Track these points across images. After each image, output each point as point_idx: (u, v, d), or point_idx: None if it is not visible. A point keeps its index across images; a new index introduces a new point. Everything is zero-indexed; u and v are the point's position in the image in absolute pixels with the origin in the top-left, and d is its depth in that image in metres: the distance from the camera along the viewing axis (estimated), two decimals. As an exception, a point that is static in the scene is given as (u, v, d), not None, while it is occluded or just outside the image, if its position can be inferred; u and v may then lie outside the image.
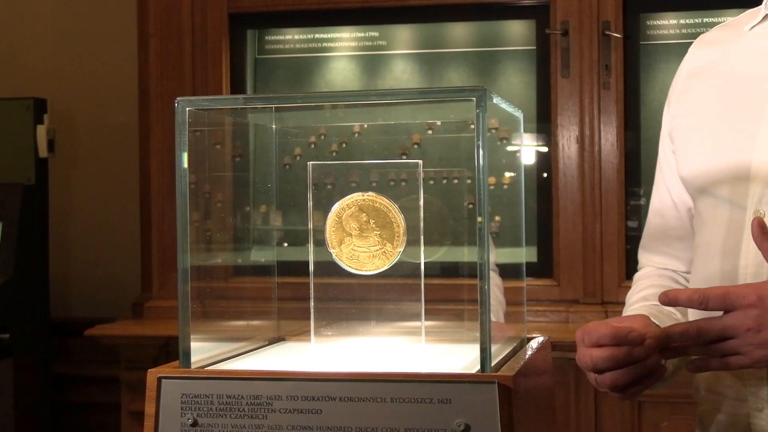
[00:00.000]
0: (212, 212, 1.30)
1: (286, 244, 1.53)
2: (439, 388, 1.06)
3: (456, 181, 2.24)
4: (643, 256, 1.75)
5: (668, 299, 1.31)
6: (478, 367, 1.09)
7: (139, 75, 3.66)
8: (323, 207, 1.21)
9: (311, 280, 1.21)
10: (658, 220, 1.69)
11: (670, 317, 1.51)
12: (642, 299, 1.61)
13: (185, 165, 1.16)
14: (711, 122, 1.54)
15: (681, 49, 1.73)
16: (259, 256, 1.44)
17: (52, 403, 3.86)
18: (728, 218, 1.48)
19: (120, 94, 4.21)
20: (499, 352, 1.19)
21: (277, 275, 1.40)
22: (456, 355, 1.21)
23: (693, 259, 1.59)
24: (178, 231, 1.17)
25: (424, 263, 1.18)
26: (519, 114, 1.34)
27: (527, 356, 1.21)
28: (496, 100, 1.17)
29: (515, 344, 1.29)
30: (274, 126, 1.39)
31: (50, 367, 3.85)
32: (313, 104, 1.26)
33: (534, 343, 1.32)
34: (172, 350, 3.10)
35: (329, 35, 3.61)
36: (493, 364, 1.09)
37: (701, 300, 1.28)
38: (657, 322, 1.44)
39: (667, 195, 1.66)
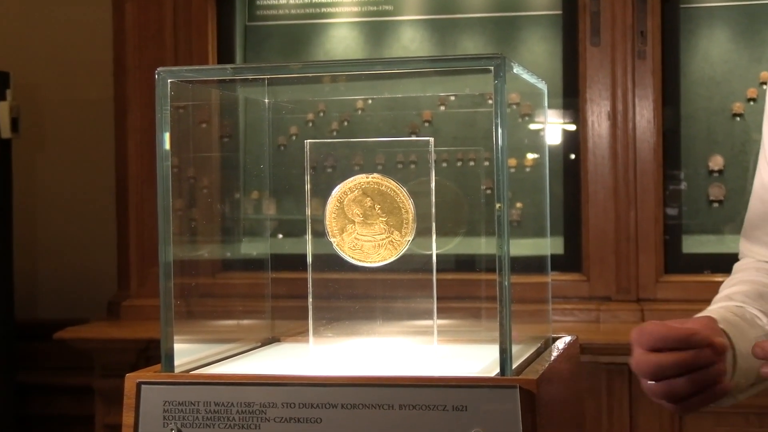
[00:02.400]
0: (197, 199, 1.31)
1: (280, 235, 1.54)
2: (454, 394, 1.06)
3: (472, 162, 2.23)
4: (743, 245, 1.76)
5: (765, 353, 1.30)
6: (497, 370, 1.09)
7: (113, 44, 3.66)
8: (322, 192, 1.21)
9: (309, 274, 1.21)
10: (759, 206, 1.70)
11: (753, 323, 1.51)
12: (726, 298, 1.61)
13: (167, 146, 1.17)
14: None
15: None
16: (251, 248, 1.45)
17: (17, 416, 3.88)
18: None
19: (92, 66, 4.22)
20: (520, 353, 1.19)
21: (270, 270, 1.41)
22: (472, 358, 1.22)
23: None
24: (159, 220, 1.17)
25: (436, 255, 1.19)
26: (543, 86, 1.35)
27: (552, 358, 1.21)
28: (516, 69, 1.17)
29: (539, 345, 1.29)
30: (266, 100, 1.39)
31: (15, 376, 3.86)
32: (310, 75, 1.27)
33: (560, 344, 1.33)
34: (153, 355, 3.11)
35: (328, -1, 3.62)
36: (514, 367, 1.10)
37: None
38: (732, 328, 1.44)
39: None
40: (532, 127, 1.55)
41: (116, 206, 3.66)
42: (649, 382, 1.34)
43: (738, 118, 3.26)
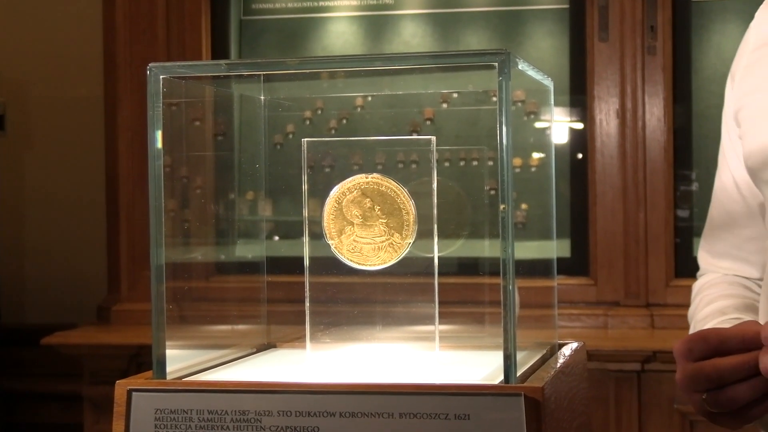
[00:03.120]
0: (191, 200, 1.31)
1: (276, 237, 1.54)
2: (456, 402, 1.06)
3: (475, 162, 2.24)
4: (705, 261, 1.71)
5: None
6: (501, 377, 1.09)
7: (103, 39, 3.67)
8: (320, 192, 1.21)
9: (306, 277, 1.22)
10: (722, 217, 1.66)
11: None
12: (718, 313, 1.56)
13: (159, 144, 1.17)
14: None
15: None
16: (246, 250, 1.45)
17: (4, 424, 3.88)
18: None
19: (82, 61, 4.22)
20: (525, 360, 1.20)
21: (266, 273, 1.41)
22: (475, 364, 1.22)
23: None
24: (151, 222, 1.17)
25: (438, 258, 1.19)
26: (549, 83, 1.35)
27: (559, 365, 1.21)
28: (522, 66, 1.17)
29: (544, 352, 1.29)
30: (262, 97, 1.39)
31: (1, 383, 3.86)
32: (308, 71, 1.27)
33: (566, 351, 1.33)
34: (145, 361, 3.11)
35: (326, -8, 3.62)
36: (518, 374, 1.10)
37: None
38: None
39: (733, 188, 1.63)
40: (538, 125, 1.56)
41: (106, 207, 3.66)
42: (704, 395, 1.27)
43: (751, 117, 3.26)
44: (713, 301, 1.61)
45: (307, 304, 1.22)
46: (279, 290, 1.40)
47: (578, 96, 3.35)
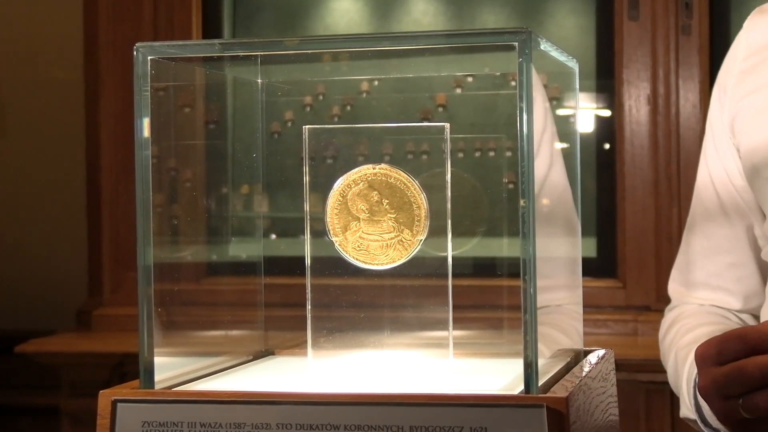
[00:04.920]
0: (180, 194, 1.32)
1: (274, 235, 1.54)
2: (473, 414, 1.07)
3: (492, 152, 2.23)
4: (678, 293, 1.71)
5: None
6: (522, 387, 1.10)
7: (84, 17, 3.67)
8: (323, 185, 1.22)
9: (308, 279, 1.22)
10: (700, 242, 1.66)
11: None
12: (705, 337, 1.57)
13: (146, 133, 1.17)
14: None
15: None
16: (241, 250, 1.45)
17: (-25, 439, 3.89)
18: None
19: (60, 42, 4.23)
20: (547, 369, 1.20)
21: (263, 274, 1.42)
22: (493, 373, 1.23)
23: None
24: (138, 218, 1.18)
25: (452, 257, 1.19)
26: (574, 65, 1.35)
27: (584, 374, 1.22)
28: (544, 46, 1.17)
29: (568, 359, 1.30)
30: (259, 81, 1.40)
31: (-29, 394, 3.88)
32: (309, 52, 1.27)
33: (593, 358, 1.33)
34: (129, 371, 3.12)
35: (329, -34, 3.62)
36: (540, 384, 1.10)
37: None
38: None
39: (716, 206, 1.62)
40: (561, 112, 1.56)
41: (87, 201, 3.67)
42: (740, 400, 1.27)
43: (796, 103, 3.26)
44: (695, 329, 1.61)
45: (309, 307, 1.22)
46: (277, 293, 1.40)
47: (605, 80, 3.35)
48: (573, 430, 1.08)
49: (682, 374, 1.58)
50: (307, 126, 1.22)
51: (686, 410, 1.58)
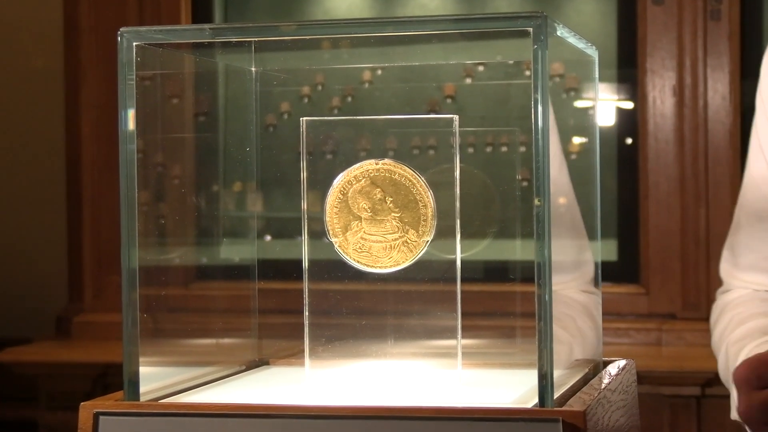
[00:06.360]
0: (167, 192, 1.32)
1: (268, 237, 1.54)
2: (483, 428, 1.07)
3: (504, 147, 2.23)
4: (731, 276, 1.74)
5: None
6: (536, 400, 1.10)
7: (64, 1, 3.68)
8: (321, 182, 1.22)
9: (305, 283, 1.22)
10: (751, 222, 1.68)
11: None
12: (758, 333, 1.59)
13: (131, 125, 1.17)
14: None
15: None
16: (233, 252, 1.46)
17: (-54, 456, 3.90)
18: None
19: (38, 28, 4.23)
20: (564, 380, 1.20)
21: (257, 278, 1.42)
22: (505, 385, 1.23)
23: None
24: (122, 217, 1.18)
25: (461, 260, 1.20)
26: (593, 53, 1.35)
27: (603, 386, 1.22)
28: (561, 32, 1.18)
29: (586, 371, 1.30)
30: (253, 69, 1.40)
31: (-57, 407, 3.88)
32: (306, 38, 1.27)
33: (613, 369, 1.33)
34: (112, 382, 3.13)
35: (328, -54, 3.63)
36: (556, 397, 1.11)
37: None
38: None
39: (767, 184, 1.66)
40: (579, 104, 1.56)
41: (67, 199, 3.68)
42: None
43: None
44: (747, 321, 1.63)
45: (306, 314, 1.23)
46: (272, 298, 1.41)
47: (627, 69, 3.35)
48: (591, 446, 1.09)
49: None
50: (304, 118, 1.22)
51: (736, 413, 1.59)
